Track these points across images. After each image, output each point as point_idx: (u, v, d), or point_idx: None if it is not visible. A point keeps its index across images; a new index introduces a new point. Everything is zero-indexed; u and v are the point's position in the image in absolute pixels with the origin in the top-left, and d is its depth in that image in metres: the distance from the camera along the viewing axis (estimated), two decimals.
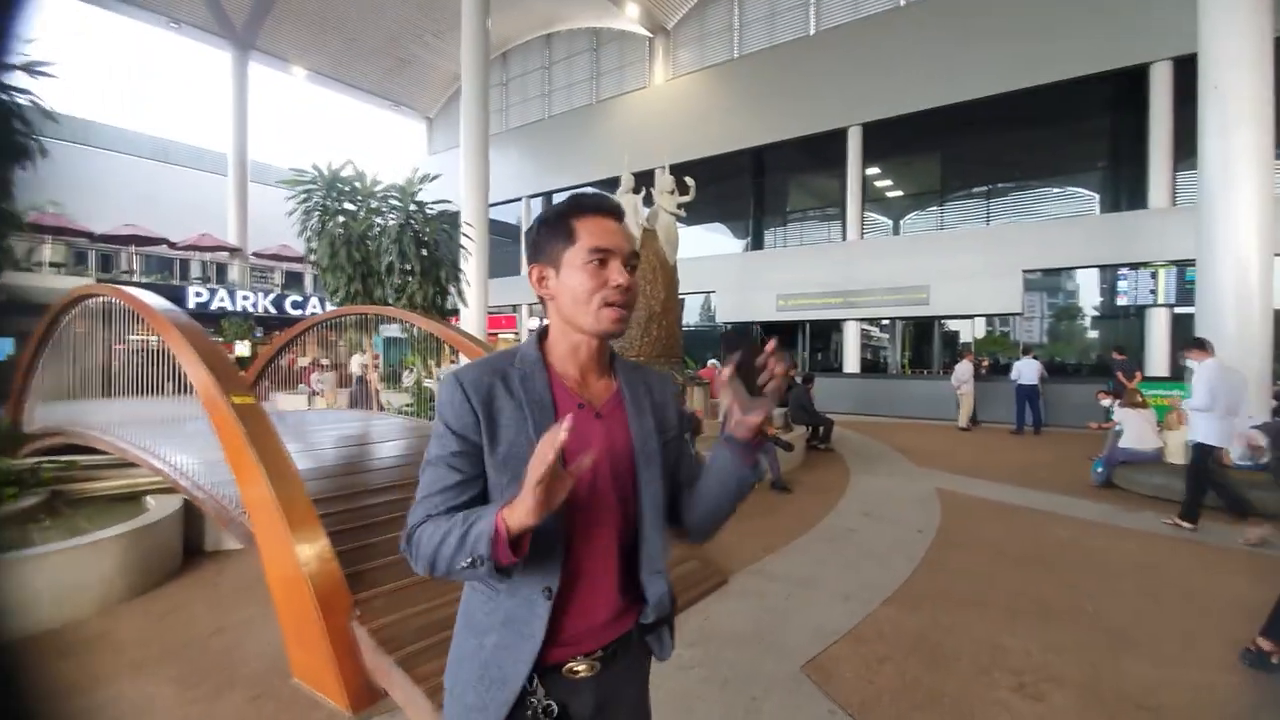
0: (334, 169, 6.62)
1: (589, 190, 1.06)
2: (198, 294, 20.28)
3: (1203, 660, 2.86)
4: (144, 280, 20.42)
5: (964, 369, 11.62)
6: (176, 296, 19.94)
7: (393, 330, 7.83)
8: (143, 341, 4.37)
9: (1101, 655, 2.90)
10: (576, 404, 1.01)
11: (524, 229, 17.17)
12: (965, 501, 5.96)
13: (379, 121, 28.02)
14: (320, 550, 2.59)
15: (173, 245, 21.00)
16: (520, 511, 0.82)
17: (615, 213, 1.04)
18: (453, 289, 7.23)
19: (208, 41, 21.93)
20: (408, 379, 8.55)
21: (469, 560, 0.86)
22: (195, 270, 22.50)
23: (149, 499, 4.18)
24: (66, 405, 5.13)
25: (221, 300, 20.72)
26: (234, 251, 22.51)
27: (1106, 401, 9.35)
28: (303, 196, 6.59)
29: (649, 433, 1.05)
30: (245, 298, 21.29)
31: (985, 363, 14.11)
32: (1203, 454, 4.84)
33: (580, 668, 0.99)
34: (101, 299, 4.47)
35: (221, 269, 23.14)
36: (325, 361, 14.43)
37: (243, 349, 20.31)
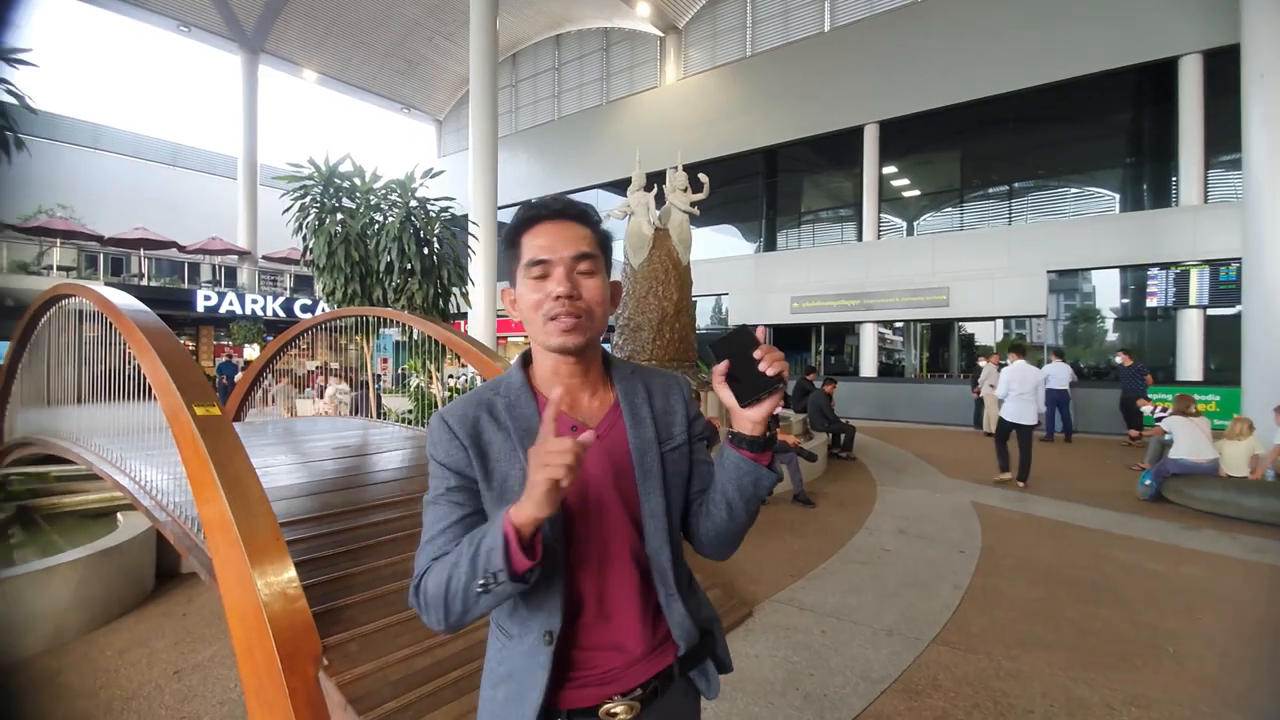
0: (331, 164, 6.30)
1: (543, 198, 0.98)
2: (206, 297, 20.16)
3: None
4: (154, 284, 20.35)
5: (989, 372, 11.12)
6: (186, 300, 19.86)
7: (391, 333, 7.49)
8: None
9: (1196, 711, 2.48)
10: (569, 427, 0.89)
11: None
12: (1006, 517, 5.51)
13: (390, 124, 27.77)
14: (285, 586, 2.23)
15: (182, 249, 20.89)
16: (529, 504, 0.76)
17: (561, 213, 0.95)
18: (456, 291, 6.87)
19: (217, 45, 21.85)
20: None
21: (483, 583, 0.80)
22: (206, 274, 22.37)
23: (120, 516, 3.85)
24: (49, 412, 4.82)
25: (231, 304, 20.59)
26: (243, 255, 22.40)
27: (1146, 408, 8.88)
28: (299, 192, 6.27)
29: (648, 444, 0.98)
30: (254, 301, 21.15)
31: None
32: (1004, 426, 6.96)
33: (618, 709, 0.92)
34: (75, 299, 4.15)
35: (231, 272, 23.03)
36: (335, 366, 14.18)
37: (252, 352, 20.17)
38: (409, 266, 6.07)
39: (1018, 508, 5.82)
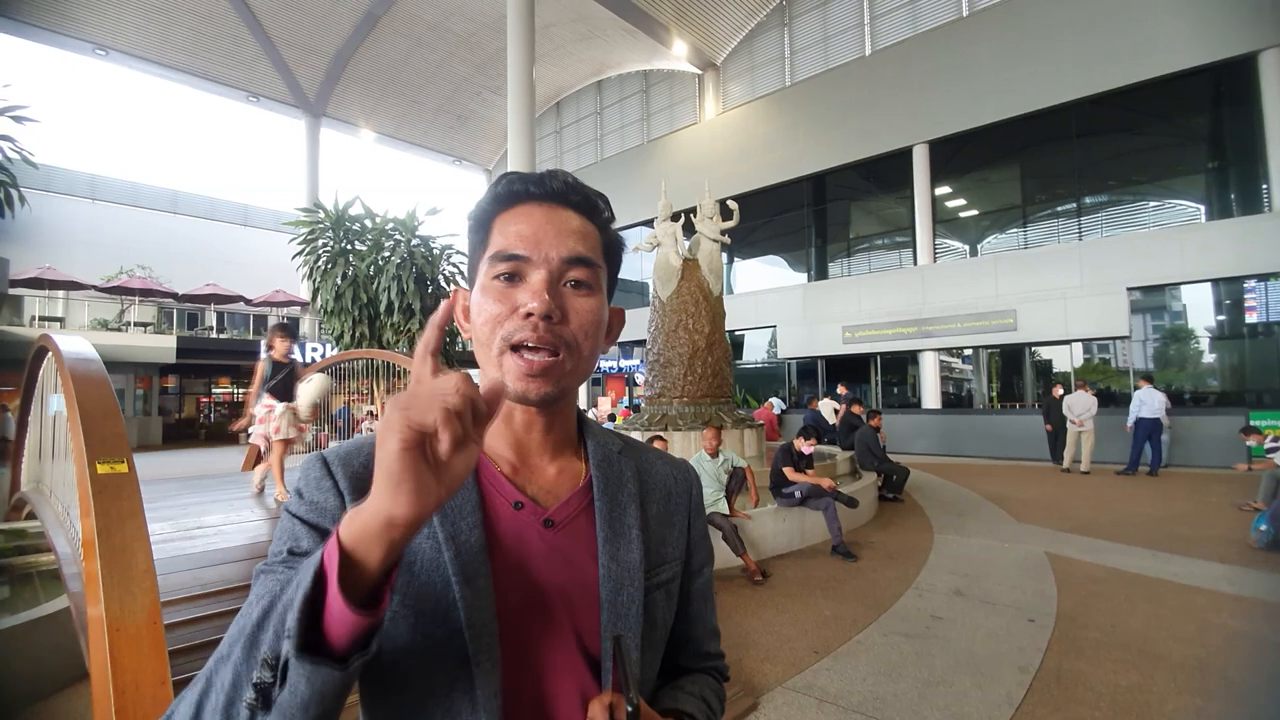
0: (340, 207, 6.25)
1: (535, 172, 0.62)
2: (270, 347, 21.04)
3: None
4: (223, 336, 21.50)
5: (1083, 401, 9.91)
6: (252, 350, 20.76)
7: None
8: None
9: None
10: (512, 503, 0.63)
11: None
12: (1088, 572, 4.66)
13: (443, 176, 29.01)
14: (148, 682, 1.85)
15: (249, 302, 22.00)
16: (376, 498, 0.42)
17: (557, 196, 0.64)
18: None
19: (283, 112, 23.33)
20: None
21: (258, 682, 0.41)
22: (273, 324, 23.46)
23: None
24: (42, 465, 4.75)
25: (292, 352, 21.40)
26: (305, 305, 23.38)
27: (1253, 442, 7.70)
28: (307, 234, 6.23)
29: (627, 573, 0.64)
30: (314, 349, 21.94)
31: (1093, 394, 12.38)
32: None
33: None
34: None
35: (295, 323, 24.09)
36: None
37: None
38: (408, 305, 5.88)
39: (1102, 560, 4.94)
